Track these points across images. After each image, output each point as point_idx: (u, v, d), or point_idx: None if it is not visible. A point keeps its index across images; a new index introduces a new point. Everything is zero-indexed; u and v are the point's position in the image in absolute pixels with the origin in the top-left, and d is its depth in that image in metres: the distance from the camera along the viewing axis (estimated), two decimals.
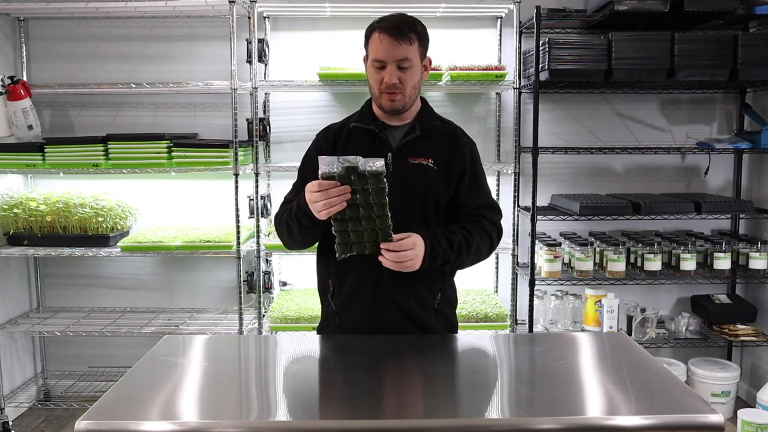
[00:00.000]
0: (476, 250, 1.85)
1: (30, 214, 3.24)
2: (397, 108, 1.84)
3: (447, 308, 1.96)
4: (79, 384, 3.59)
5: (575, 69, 3.07)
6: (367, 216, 1.70)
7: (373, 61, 1.81)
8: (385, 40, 1.78)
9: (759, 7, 3.14)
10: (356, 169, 1.67)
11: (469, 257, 1.84)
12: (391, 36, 1.78)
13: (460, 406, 1.44)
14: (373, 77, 1.83)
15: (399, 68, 1.79)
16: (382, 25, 1.81)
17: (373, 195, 1.69)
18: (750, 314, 3.44)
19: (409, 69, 1.81)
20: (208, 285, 3.65)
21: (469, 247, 1.83)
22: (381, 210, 1.70)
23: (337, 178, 1.67)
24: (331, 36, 3.47)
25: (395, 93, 1.80)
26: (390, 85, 1.79)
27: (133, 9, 3.26)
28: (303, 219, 1.77)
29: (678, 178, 3.63)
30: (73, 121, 3.56)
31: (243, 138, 3.25)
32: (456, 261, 1.82)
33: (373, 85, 1.84)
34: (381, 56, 1.79)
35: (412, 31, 1.81)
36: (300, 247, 1.91)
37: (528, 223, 3.25)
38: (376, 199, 1.70)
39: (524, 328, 3.42)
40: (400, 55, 1.78)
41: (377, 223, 1.71)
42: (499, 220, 1.95)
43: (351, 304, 1.87)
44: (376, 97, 1.85)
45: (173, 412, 1.37)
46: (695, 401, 1.36)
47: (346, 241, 1.73)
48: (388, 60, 1.78)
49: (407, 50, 1.79)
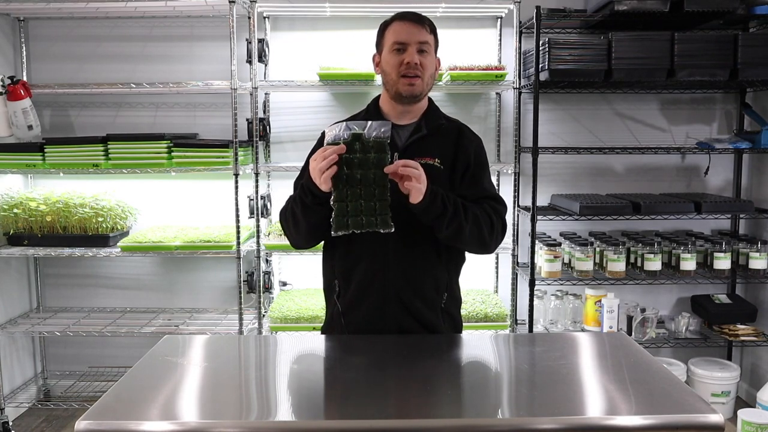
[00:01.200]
0: (475, 222, 1.79)
1: (30, 214, 3.24)
2: (415, 94, 1.83)
3: (453, 308, 1.95)
4: (79, 384, 3.59)
5: (575, 69, 3.07)
6: (367, 191, 1.68)
7: (394, 44, 1.82)
8: (407, 25, 1.83)
9: (759, 7, 3.14)
10: (361, 137, 1.67)
11: (467, 225, 1.78)
12: (412, 20, 1.84)
13: (460, 406, 1.44)
14: (392, 62, 1.83)
15: (419, 52, 1.82)
16: (400, 15, 1.87)
17: (374, 165, 1.67)
18: (750, 314, 3.44)
19: (428, 55, 1.84)
20: (208, 285, 3.65)
21: (467, 212, 1.78)
22: (382, 185, 1.68)
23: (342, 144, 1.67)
24: (331, 36, 3.47)
25: (415, 77, 1.81)
26: (412, 66, 1.80)
27: (133, 9, 3.26)
28: (306, 197, 1.76)
29: (678, 178, 3.63)
30: (73, 121, 3.56)
31: (243, 138, 3.25)
32: (454, 220, 1.75)
33: (391, 71, 1.83)
34: (403, 38, 1.82)
35: (430, 23, 1.87)
36: (304, 239, 1.87)
37: (528, 223, 3.25)
38: (377, 169, 1.67)
39: (524, 328, 3.42)
40: (421, 37, 1.82)
41: (376, 195, 1.68)
42: (503, 211, 1.90)
43: (358, 304, 1.87)
44: (394, 82, 1.83)
45: (173, 412, 1.37)
46: (695, 401, 1.36)
47: (343, 214, 1.69)
48: (410, 41, 1.81)
49: (427, 36, 1.84)
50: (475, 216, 1.80)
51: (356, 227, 1.70)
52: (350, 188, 1.68)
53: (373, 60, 1.93)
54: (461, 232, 1.78)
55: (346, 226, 1.70)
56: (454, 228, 1.77)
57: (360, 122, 1.70)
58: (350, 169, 1.68)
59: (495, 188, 1.96)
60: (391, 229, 1.71)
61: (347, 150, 1.66)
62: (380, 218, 1.70)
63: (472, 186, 1.89)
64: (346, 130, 1.67)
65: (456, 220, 1.76)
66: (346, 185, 1.68)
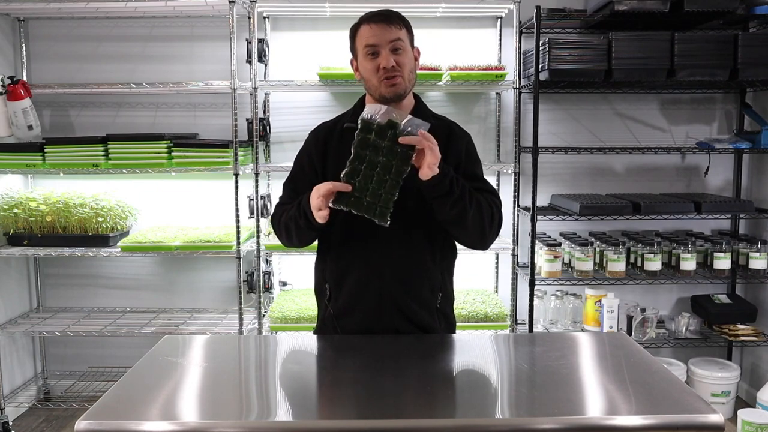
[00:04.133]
0: (478, 208, 1.76)
1: (30, 214, 3.24)
2: (399, 93, 1.81)
3: (447, 307, 1.95)
4: (79, 384, 3.59)
5: (575, 69, 3.07)
6: (380, 178, 1.67)
7: (366, 48, 1.80)
8: (375, 27, 1.79)
9: (759, 7, 3.13)
10: (396, 126, 1.65)
11: (471, 208, 1.74)
12: (378, 21, 1.80)
13: (460, 406, 1.44)
14: (369, 67, 1.81)
15: (393, 51, 1.78)
16: (366, 17, 1.83)
17: (399, 159, 1.66)
18: (750, 314, 3.44)
19: (403, 51, 1.80)
20: (208, 285, 3.65)
21: (472, 198, 1.75)
22: (396, 176, 1.67)
23: (376, 128, 1.66)
24: (331, 36, 3.47)
25: (395, 77, 1.78)
26: (388, 69, 1.77)
27: (133, 9, 3.26)
28: (300, 220, 1.77)
29: (678, 178, 3.63)
30: (73, 121, 3.56)
31: (243, 138, 3.25)
32: (459, 201, 1.72)
33: (370, 77, 1.81)
34: (373, 41, 1.78)
35: (398, 17, 1.83)
36: (298, 246, 1.89)
37: (528, 223, 3.25)
38: (399, 164, 1.66)
39: (524, 328, 3.42)
40: (392, 35, 1.79)
41: (386, 188, 1.67)
42: (499, 203, 1.88)
43: (351, 309, 1.86)
44: (376, 87, 1.81)
45: (173, 412, 1.37)
46: (695, 401, 1.36)
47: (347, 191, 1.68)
48: (382, 43, 1.78)
49: (397, 32, 1.80)
50: (479, 203, 1.78)
51: (355, 208, 1.69)
52: (366, 169, 1.67)
53: (352, 65, 1.90)
54: (464, 216, 1.74)
55: (346, 203, 1.69)
56: (458, 210, 1.73)
57: (402, 113, 1.68)
58: (374, 152, 1.67)
59: (488, 182, 1.94)
60: (386, 223, 1.69)
61: (378, 134, 1.66)
62: (380, 209, 1.69)
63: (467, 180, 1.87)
64: (385, 115, 1.65)
65: (461, 203, 1.72)
66: (365, 164, 1.67)
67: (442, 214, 1.75)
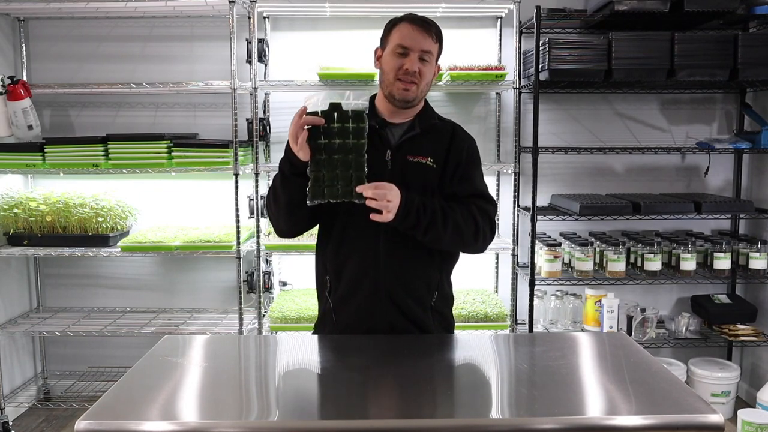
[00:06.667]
0: (455, 227, 1.80)
1: (30, 214, 3.24)
2: (408, 99, 1.83)
3: (444, 307, 1.95)
4: (79, 384, 3.59)
5: (575, 69, 3.07)
6: (344, 160, 1.70)
7: (397, 47, 1.82)
8: (415, 30, 1.82)
9: (759, 7, 3.14)
10: (339, 106, 1.69)
11: (446, 231, 1.79)
12: (420, 27, 1.83)
13: (460, 406, 1.44)
14: (392, 63, 1.83)
15: (420, 59, 1.81)
16: (411, 17, 1.86)
17: (353, 135, 1.69)
18: (750, 314, 3.44)
19: (429, 64, 1.84)
20: (208, 285, 3.65)
21: (446, 219, 1.79)
22: (359, 154, 1.69)
23: (321, 114, 1.69)
24: (331, 36, 3.47)
25: (411, 83, 1.81)
26: (410, 72, 1.80)
27: (133, 9, 3.26)
28: (285, 167, 1.80)
29: (678, 178, 3.63)
30: (73, 121, 3.56)
31: (243, 138, 3.26)
32: (430, 229, 1.77)
33: (389, 71, 1.83)
34: (408, 43, 1.81)
35: (437, 31, 1.87)
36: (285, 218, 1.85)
37: (528, 223, 3.25)
38: (355, 139, 1.68)
39: (524, 328, 3.42)
40: (425, 46, 1.82)
41: (353, 166, 1.70)
42: (492, 210, 1.90)
43: (348, 300, 1.87)
44: (389, 83, 1.83)
45: (173, 412, 1.37)
46: (695, 401, 1.36)
47: (319, 182, 1.71)
48: (414, 48, 1.81)
49: (431, 45, 1.83)
50: (455, 223, 1.81)
51: (332, 197, 1.72)
52: (328, 157, 1.70)
53: (375, 53, 1.93)
54: (439, 239, 1.80)
55: (322, 195, 1.72)
56: (432, 236, 1.79)
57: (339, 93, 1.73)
58: (328, 138, 1.70)
59: (486, 187, 1.95)
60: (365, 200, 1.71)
61: (326, 119, 1.69)
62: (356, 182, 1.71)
63: (462, 183, 1.89)
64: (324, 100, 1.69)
65: (432, 229, 1.78)
66: (324, 153, 1.70)
67: (418, 238, 1.80)
